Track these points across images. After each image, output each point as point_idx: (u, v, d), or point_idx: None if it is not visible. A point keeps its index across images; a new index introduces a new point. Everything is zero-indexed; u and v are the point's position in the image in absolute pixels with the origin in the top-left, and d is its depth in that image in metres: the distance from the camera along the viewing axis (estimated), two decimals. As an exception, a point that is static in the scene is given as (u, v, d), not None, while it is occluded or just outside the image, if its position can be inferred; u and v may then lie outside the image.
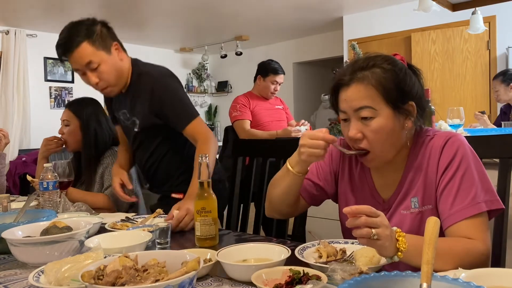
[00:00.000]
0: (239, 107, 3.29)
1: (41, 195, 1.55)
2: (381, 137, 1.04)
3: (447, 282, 0.62)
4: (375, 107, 1.03)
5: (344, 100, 1.07)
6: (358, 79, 1.05)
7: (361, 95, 1.04)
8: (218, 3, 4.72)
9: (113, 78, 1.66)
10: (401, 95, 1.05)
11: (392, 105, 1.04)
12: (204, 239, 1.20)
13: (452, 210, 1.02)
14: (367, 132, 1.05)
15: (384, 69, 1.04)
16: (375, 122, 1.04)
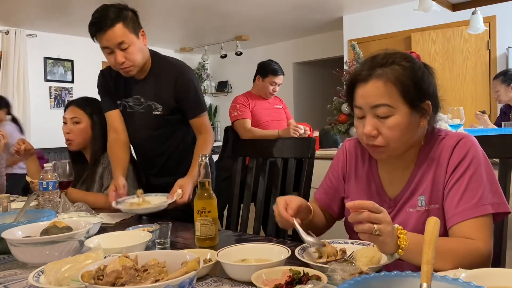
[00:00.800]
0: (239, 106, 3.29)
1: (41, 195, 1.55)
2: (396, 134, 1.03)
3: (447, 282, 0.62)
4: (393, 105, 1.02)
5: (361, 96, 1.05)
6: (377, 75, 1.03)
7: (380, 92, 1.02)
8: (218, 3, 4.72)
9: (138, 60, 1.79)
10: (418, 94, 1.03)
11: (410, 103, 1.02)
12: (204, 239, 1.20)
13: (457, 210, 1.02)
14: (383, 129, 1.03)
15: (404, 67, 1.03)
16: (392, 120, 1.02)
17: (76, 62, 6.11)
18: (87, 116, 1.99)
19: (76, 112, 2.00)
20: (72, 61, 6.08)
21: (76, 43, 6.08)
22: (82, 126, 1.99)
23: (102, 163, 1.95)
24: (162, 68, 1.89)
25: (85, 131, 1.99)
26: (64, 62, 6.01)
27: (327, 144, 3.47)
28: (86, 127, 1.99)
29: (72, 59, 6.07)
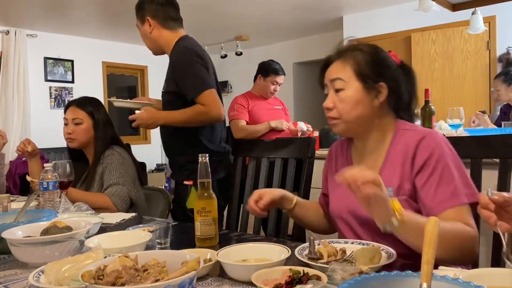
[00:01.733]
0: (236, 107, 3.30)
1: (41, 195, 1.55)
2: (347, 107, 1.16)
3: (447, 282, 0.62)
4: (346, 79, 1.16)
5: (326, 74, 1.22)
6: (339, 57, 1.20)
7: (338, 69, 1.19)
8: (218, 3, 4.72)
9: (146, 42, 2.14)
10: (372, 74, 1.16)
11: (362, 80, 1.16)
12: (204, 239, 1.20)
13: (434, 202, 1.07)
14: (337, 102, 1.18)
15: (363, 51, 1.19)
16: (344, 93, 1.17)
17: (76, 62, 6.11)
18: (88, 116, 2.00)
19: (76, 112, 2.00)
20: (72, 61, 6.08)
21: (76, 43, 6.08)
22: (84, 126, 1.99)
23: (102, 162, 1.95)
24: (171, 52, 2.05)
25: (87, 131, 2.00)
26: (64, 62, 6.01)
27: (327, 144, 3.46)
28: (88, 127, 2.00)
29: (72, 59, 6.07)
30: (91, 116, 2.00)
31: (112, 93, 6.64)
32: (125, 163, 1.96)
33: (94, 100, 2.09)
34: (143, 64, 6.95)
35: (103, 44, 6.42)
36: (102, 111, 2.04)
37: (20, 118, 5.33)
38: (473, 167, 1.37)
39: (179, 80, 1.92)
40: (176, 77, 1.94)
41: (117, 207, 1.85)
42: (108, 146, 1.99)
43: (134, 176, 1.99)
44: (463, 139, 1.46)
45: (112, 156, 1.95)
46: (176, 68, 1.95)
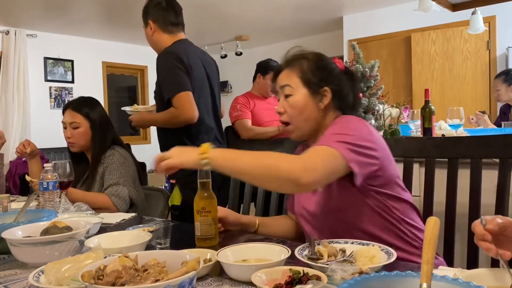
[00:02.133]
0: (239, 107, 3.29)
1: (41, 195, 1.55)
2: (295, 112, 1.26)
3: (447, 282, 0.62)
4: (293, 85, 1.27)
5: (277, 82, 1.33)
6: (286, 66, 1.32)
7: (286, 76, 1.29)
8: (218, 3, 4.72)
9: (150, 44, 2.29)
10: (316, 80, 1.26)
11: (308, 86, 1.26)
12: (204, 239, 1.20)
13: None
14: (287, 107, 1.27)
15: (308, 59, 1.29)
16: (292, 98, 1.27)
17: (76, 62, 6.12)
18: (84, 119, 1.99)
19: (73, 116, 2.00)
20: (72, 61, 6.08)
21: (76, 43, 6.08)
22: (81, 130, 1.99)
23: (103, 162, 1.95)
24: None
25: (85, 134, 2.00)
26: (64, 62, 6.01)
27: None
28: (86, 130, 1.99)
29: (72, 59, 6.07)
30: (88, 118, 2.00)
31: (112, 93, 6.65)
32: (126, 163, 1.96)
33: (90, 100, 2.07)
34: (143, 64, 6.95)
35: (103, 44, 6.42)
36: (98, 110, 2.03)
37: (20, 118, 5.33)
38: (473, 167, 1.37)
39: (159, 82, 2.12)
40: (158, 79, 2.14)
41: (117, 207, 1.85)
42: (106, 145, 1.99)
43: (134, 176, 1.99)
44: (463, 139, 1.47)
45: (113, 156, 1.95)
46: (157, 71, 2.13)
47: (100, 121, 2.01)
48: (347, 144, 1.10)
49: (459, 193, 1.41)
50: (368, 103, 2.72)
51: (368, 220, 1.20)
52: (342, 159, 1.08)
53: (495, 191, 1.31)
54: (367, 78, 2.75)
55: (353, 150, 1.10)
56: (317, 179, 1.05)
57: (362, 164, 1.11)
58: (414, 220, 1.25)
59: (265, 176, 1.06)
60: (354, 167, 1.09)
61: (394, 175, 1.23)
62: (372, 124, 2.76)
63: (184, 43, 2.24)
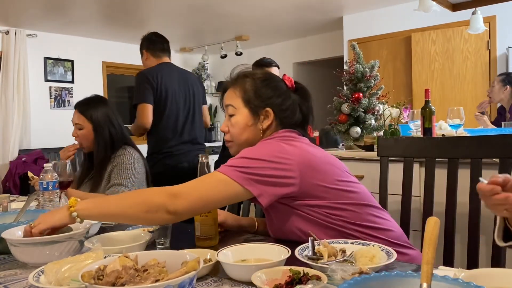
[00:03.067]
0: None
1: (41, 195, 1.55)
2: (236, 131, 1.29)
3: (447, 282, 0.62)
4: (236, 106, 1.29)
5: (223, 100, 1.35)
6: (231, 85, 1.32)
7: (230, 96, 1.31)
8: (218, 3, 4.72)
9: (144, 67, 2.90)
10: (258, 101, 1.28)
11: (249, 106, 1.28)
12: (204, 239, 1.20)
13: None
14: (230, 127, 1.30)
15: (252, 79, 1.30)
16: (234, 118, 1.29)
17: (76, 62, 6.11)
18: (87, 121, 2.02)
19: (78, 117, 2.04)
20: (72, 61, 6.07)
21: (76, 43, 6.08)
22: (84, 131, 2.02)
23: (112, 161, 1.98)
24: None
25: (88, 135, 2.02)
26: (64, 62, 6.00)
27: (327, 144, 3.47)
28: (89, 131, 2.02)
29: (72, 59, 6.07)
30: (90, 120, 2.02)
31: (112, 93, 6.64)
32: (135, 164, 1.98)
33: (96, 100, 2.10)
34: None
35: (103, 44, 6.42)
36: (103, 110, 2.05)
37: (20, 118, 5.33)
38: (473, 167, 1.37)
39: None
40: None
41: None
42: (112, 145, 2.01)
43: (142, 179, 2.01)
44: (463, 139, 1.47)
45: (123, 156, 1.97)
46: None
47: (104, 123, 2.02)
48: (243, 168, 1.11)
49: (459, 193, 1.41)
50: (368, 103, 2.72)
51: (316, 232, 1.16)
52: (233, 182, 1.10)
53: (495, 191, 1.31)
54: (367, 78, 2.75)
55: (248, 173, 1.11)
56: (186, 206, 1.07)
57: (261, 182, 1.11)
58: (370, 220, 1.22)
59: (137, 213, 1.07)
60: (252, 190, 1.11)
61: (330, 182, 1.19)
62: (372, 124, 2.76)
63: (164, 65, 2.83)
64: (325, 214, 1.18)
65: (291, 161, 1.14)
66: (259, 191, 1.11)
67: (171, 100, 2.73)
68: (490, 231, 1.29)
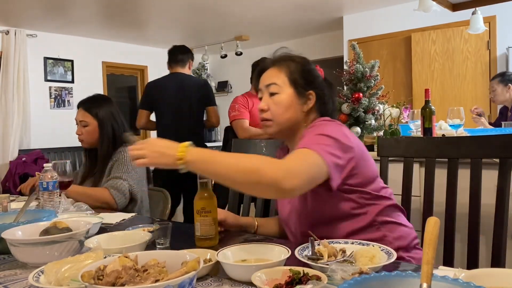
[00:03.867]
0: (237, 107, 3.28)
1: (41, 195, 1.55)
2: (280, 110, 1.28)
3: (447, 282, 0.62)
4: (280, 84, 1.28)
5: (261, 80, 1.34)
6: (274, 64, 1.33)
7: (273, 74, 1.31)
8: (218, 3, 4.72)
9: None
10: (303, 82, 1.29)
11: (294, 87, 1.28)
12: (204, 239, 1.20)
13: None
14: (271, 105, 1.29)
15: (295, 61, 1.32)
16: (278, 96, 1.28)
17: (76, 62, 6.11)
18: (93, 118, 2.06)
19: (83, 115, 2.07)
20: (72, 61, 6.08)
21: (76, 43, 6.08)
22: (90, 128, 2.06)
23: (113, 158, 2.01)
24: None
25: (93, 133, 2.06)
26: (64, 62, 6.01)
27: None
28: (94, 129, 2.06)
29: (72, 59, 6.07)
30: (96, 117, 2.06)
31: (112, 93, 6.64)
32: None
33: (101, 99, 2.14)
34: (143, 64, 6.94)
35: (103, 44, 6.42)
36: (108, 109, 2.08)
37: (20, 118, 5.33)
38: (473, 167, 1.37)
39: None
40: None
41: (115, 199, 1.86)
42: (115, 143, 2.04)
43: (142, 175, 2.03)
44: (463, 139, 1.47)
45: (124, 152, 2.00)
46: None
47: (108, 120, 2.05)
48: (327, 147, 1.11)
49: (459, 193, 1.41)
50: (368, 103, 2.72)
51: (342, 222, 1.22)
52: (324, 165, 1.08)
53: (495, 191, 1.31)
54: (367, 78, 2.75)
55: (332, 154, 1.11)
56: (300, 185, 1.03)
57: (339, 167, 1.13)
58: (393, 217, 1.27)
59: (246, 181, 1.02)
60: (332, 172, 1.10)
61: (371, 175, 1.24)
62: (372, 124, 2.76)
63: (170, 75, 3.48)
64: (363, 205, 1.22)
65: (353, 143, 1.19)
66: (335, 173, 1.12)
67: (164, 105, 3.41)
68: (490, 231, 1.29)
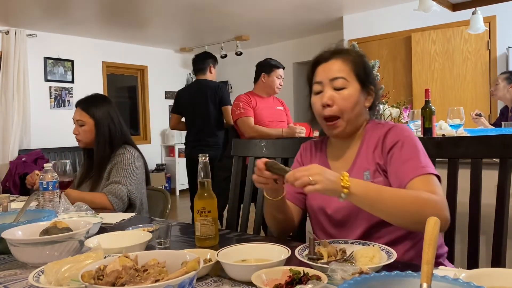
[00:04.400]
0: (242, 104, 3.27)
1: (41, 195, 1.55)
2: (349, 105, 1.22)
3: (447, 282, 0.62)
4: (348, 78, 1.22)
5: (322, 71, 1.26)
6: (337, 56, 1.25)
7: (338, 67, 1.23)
8: (218, 3, 4.72)
9: None
10: (366, 77, 1.25)
11: (360, 81, 1.24)
12: (204, 239, 1.20)
13: (403, 173, 1.14)
14: (338, 100, 1.22)
15: (358, 54, 1.28)
16: (346, 91, 1.22)
17: (76, 62, 6.12)
18: (89, 118, 2.03)
19: (80, 114, 2.05)
20: (72, 61, 6.08)
21: (76, 43, 6.09)
22: (86, 128, 2.04)
23: (112, 160, 1.98)
24: None
25: (89, 132, 2.04)
26: (64, 62, 6.01)
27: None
28: (90, 129, 2.03)
29: (72, 59, 6.08)
30: (93, 117, 2.03)
31: (112, 93, 6.65)
32: (135, 163, 1.97)
33: (99, 99, 2.11)
34: (143, 64, 6.95)
35: (103, 44, 6.42)
36: (105, 109, 2.05)
37: (20, 118, 5.33)
38: (473, 167, 1.36)
39: None
40: None
41: (113, 205, 1.85)
42: (112, 144, 2.02)
43: (141, 178, 2.01)
44: (463, 139, 1.46)
45: (123, 155, 1.97)
46: None
47: (105, 120, 2.03)
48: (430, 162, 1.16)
49: (459, 193, 1.41)
50: (368, 103, 2.72)
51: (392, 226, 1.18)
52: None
53: (495, 191, 1.31)
54: (367, 78, 2.75)
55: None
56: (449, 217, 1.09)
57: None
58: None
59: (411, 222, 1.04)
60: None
61: None
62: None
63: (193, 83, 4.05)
64: None
65: None
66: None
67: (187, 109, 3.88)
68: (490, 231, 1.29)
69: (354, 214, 1.21)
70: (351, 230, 1.22)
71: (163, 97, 7.29)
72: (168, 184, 7.04)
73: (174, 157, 7.12)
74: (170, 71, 7.35)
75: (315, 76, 1.29)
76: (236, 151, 1.94)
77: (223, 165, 3.29)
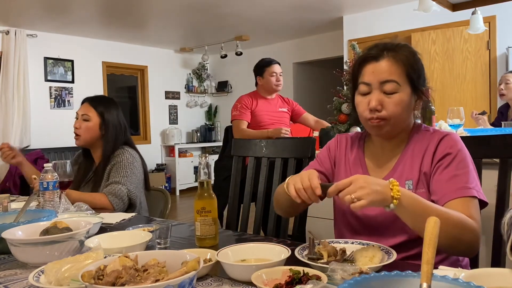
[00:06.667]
0: (240, 107, 3.29)
1: (41, 195, 1.55)
2: (399, 110, 1.13)
3: (447, 282, 0.62)
4: (400, 82, 1.12)
5: (371, 72, 1.15)
6: (388, 55, 1.14)
7: (390, 69, 1.13)
8: (218, 3, 4.72)
9: None
10: (419, 79, 1.15)
11: (412, 85, 1.14)
12: (204, 239, 1.20)
13: (445, 190, 1.09)
14: (388, 104, 1.13)
15: (411, 52, 1.16)
16: (398, 96, 1.13)
17: (76, 62, 6.12)
18: (97, 115, 2.01)
19: (87, 109, 2.02)
20: (72, 61, 6.08)
21: (76, 43, 6.09)
22: (90, 124, 2.00)
23: (111, 161, 1.97)
24: None
25: (92, 129, 2.00)
26: (64, 62, 6.01)
27: (327, 144, 3.45)
28: (94, 126, 2.00)
29: (72, 59, 6.08)
30: (101, 115, 2.01)
31: (112, 93, 6.65)
32: (134, 163, 1.97)
33: (109, 101, 2.10)
34: (143, 64, 6.95)
35: (103, 44, 6.42)
36: (114, 112, 2.04)
37: (20, 118, 5.33)
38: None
39: None
40: None
41: (113, 205, 1.85)
42: (116, 147, 2.01)
43: (140, 178, 2.00)
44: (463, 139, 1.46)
45: (122, 155, 1.97)
46: None
47: (113, 124, 2.01)
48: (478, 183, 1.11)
49: (459, 193, 1.41)
50: (368, 103, 2.72)
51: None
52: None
53: (495, 191, 1.31)
54: (367, 78, 2.74)
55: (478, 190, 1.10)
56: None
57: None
58: None
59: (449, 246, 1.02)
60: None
61: None
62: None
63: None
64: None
65: None
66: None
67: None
68: (490, 231, 1.29)
69: (390, 222, 1.15)
70: (386, 237, 1.16)
71: (163, 97, 7.29)
72: (168, 184, 7.04)
73: (174, 157, 7.13)
74: (170, 71, 7.35)
75: (363, 76, 1.17)
76: (236, 151, 1.94)
77: (223, 165, 3.30)
